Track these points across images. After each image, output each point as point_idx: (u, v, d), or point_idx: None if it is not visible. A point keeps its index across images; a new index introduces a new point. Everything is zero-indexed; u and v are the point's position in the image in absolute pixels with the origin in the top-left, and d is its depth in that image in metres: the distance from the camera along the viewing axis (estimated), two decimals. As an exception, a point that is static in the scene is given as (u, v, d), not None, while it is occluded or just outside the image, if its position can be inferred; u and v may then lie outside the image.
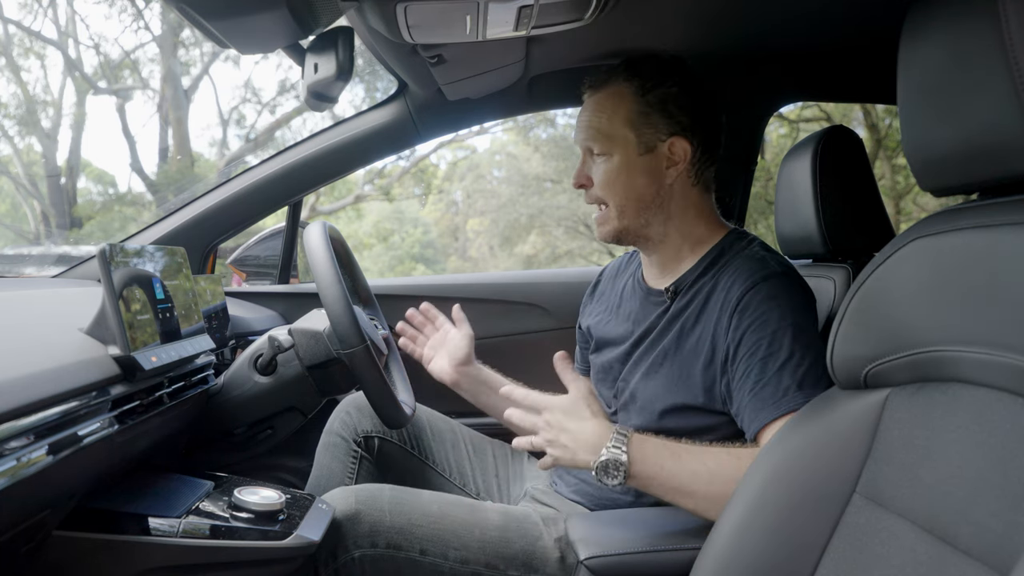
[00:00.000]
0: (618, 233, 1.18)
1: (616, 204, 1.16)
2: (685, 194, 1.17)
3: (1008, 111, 0.63)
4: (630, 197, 1.16)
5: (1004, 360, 0.63)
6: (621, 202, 1.16)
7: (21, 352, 0.85)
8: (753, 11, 1.32)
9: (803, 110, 8.36)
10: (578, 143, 1.20)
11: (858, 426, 0.78)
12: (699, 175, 1.17)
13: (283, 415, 1.29)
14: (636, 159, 1.14)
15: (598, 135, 1.16)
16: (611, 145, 1.15)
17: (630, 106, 1.14)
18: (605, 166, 1.16)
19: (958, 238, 0.69)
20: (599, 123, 1.16)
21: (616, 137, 1.15)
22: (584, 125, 1.18)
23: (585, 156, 1.19)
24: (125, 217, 9.37)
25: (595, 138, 1.16)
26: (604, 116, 1.15)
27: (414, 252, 10.61)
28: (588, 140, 1.17)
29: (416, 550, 1.05)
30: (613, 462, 0.98)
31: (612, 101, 1.15)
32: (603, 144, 1.15)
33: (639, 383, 1.16)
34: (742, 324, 1.05)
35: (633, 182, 1.15)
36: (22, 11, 10.65)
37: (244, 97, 10.91)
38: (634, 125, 1.14)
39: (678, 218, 1.17)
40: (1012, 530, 0.59)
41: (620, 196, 1.16)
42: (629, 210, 1.16)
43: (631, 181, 1.15)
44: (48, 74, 10.34)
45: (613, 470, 0.98)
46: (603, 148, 1.16)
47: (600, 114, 1.16)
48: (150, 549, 0.94)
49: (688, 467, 0.98)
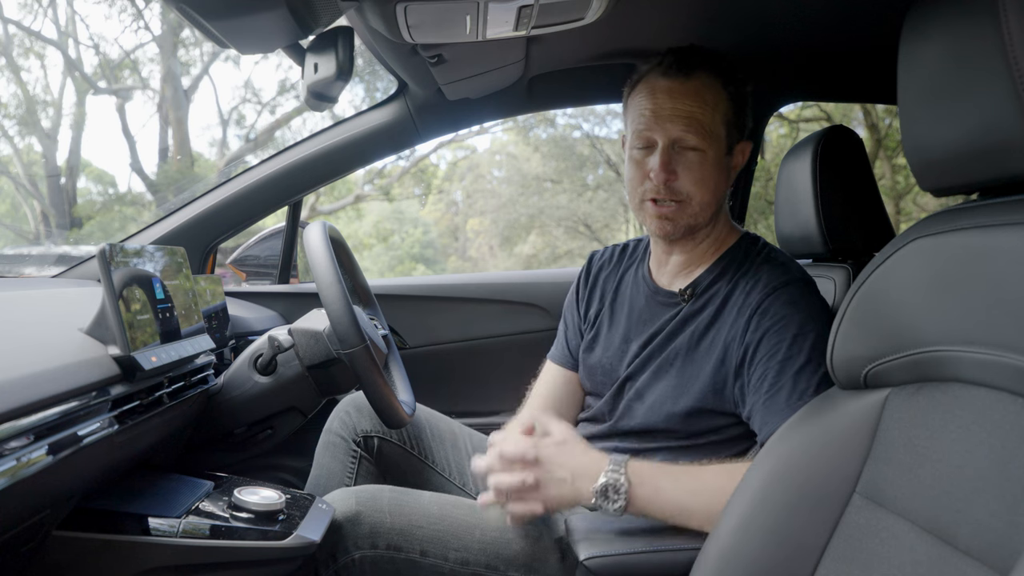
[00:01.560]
0: (689, 228, 1.14)
1: (702, 201, 1.11)
2: (725, 196, 1.18)
3: (1008, 111, 0.63)
4: (716, 196, 1.13)
5: (1004, 360, 0.63)
6: (708, 200, 1.12)
7: (21, 352, 0.85)
8: (753, 11, 1.32)
9: (803, 110, 8.36)
10: (663, 132, 1.10)
11: (858, 426, 0.78)
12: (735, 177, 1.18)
13: (283, 415, 1.29)
14: (723, 158, 1.12)
15: (701, 128, 1.08)
16: (710, 140, 1.09)
17: (727, 103, 1.10)
18: (699, 160, 1.10)
19: (958, 238, 0.69)
20: (703, 116, 1.08)
21: (715, 134, 1.10)
22: (683, 113, 1.08)
23: (666, 146, 1.10)
24: (125, 217, 9.37)
25: (697, 131, 1.08)
26: (708, 109, 1.09)
27: (414, 252, 10.61)
28: (688, 131, 1.08)
29: (416, 551, 1.05)
30: (612, 485, 0.97)
31: (712, 95, 1.09)
32: (703, 138, 1.09)
33: (647, 382, 1.15)
34: (761, 327, 1.04)
35: (719, 181, 1.12)
36: (22, 11, 10.65)
37: (244, 97, 10.91)
38: (728, 124, 1.11)
39: (716, 219, 1.17)
40: (1012, 530, 0.59)
41: (707, 194, 1.11)
42: (709, 209, 1.13)
43: (719, 180, 1.12)
44: (48, 74, 10.36)
45: (613, 494, 0.97)
46: (702, 142, 1.09)
47: (704, 106, 1.08)
48: (150, 549, 0.94)
49: (686, 487, 0.98)
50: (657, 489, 0.98)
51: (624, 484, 0.97)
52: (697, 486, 0.98)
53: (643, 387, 1.15)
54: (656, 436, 1.13)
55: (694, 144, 1.09)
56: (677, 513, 0.98)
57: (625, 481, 0.97)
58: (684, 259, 1.19)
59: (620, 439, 1.17)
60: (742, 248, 1.16)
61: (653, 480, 0.99)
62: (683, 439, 1.11)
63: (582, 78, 1.64)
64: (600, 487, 0.98)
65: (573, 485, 1.00)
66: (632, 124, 1.14)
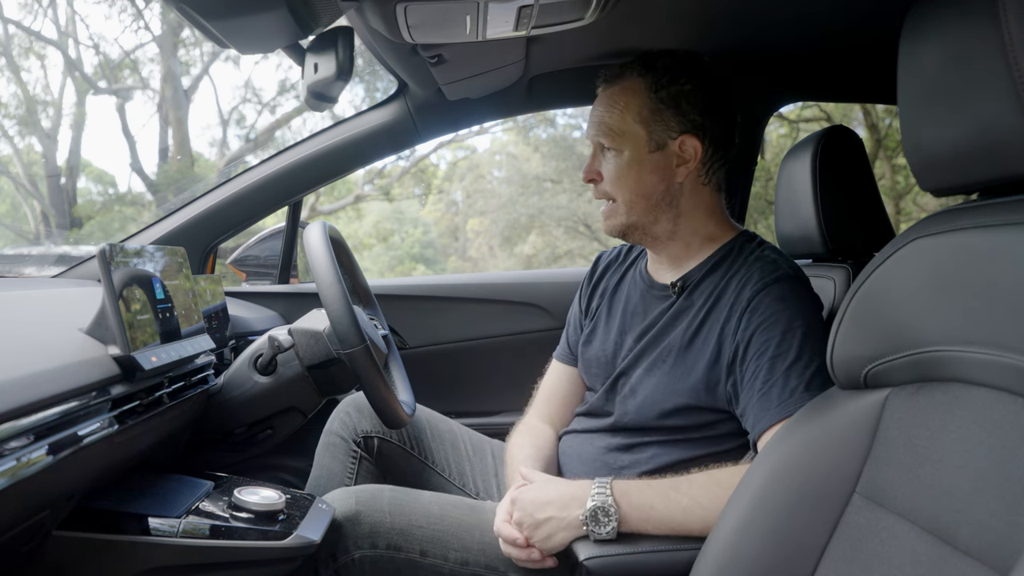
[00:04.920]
0: (624, 228, 1.18)
1: (625, 200, 1.16)
2: (695, 192, 1.17)
3: (1008, 111, 0.63)
4: (639, 193, 1.15)
5: (1004, 360, 0.62)
6: (630, 198, 1.15)
7: (21, 352, 0.85)
8: (753, 11, 1.32)
9: (803, 110, 8.36)
10: (589, 137, 1.20)
11: (858, 426, 0.78)
12: (710, 174, 1.17)
13: (283, 415, 1.29)
14: (646, 156, 1.14)
15: (609, 130, 1.15)
16: (622, 141, 1.14)
17: (642, 102, 1.13)
18: (615, 161, 1.15)
19: (958, 238, 0.69)
20: (611, 118, 1.15)
21: (627, 133, 1.14)
22: (596, 120, 1.17)
23: (596, 150, 1.19)
24: (125, 217, 9.37)
25: (606, 133, 1.15)
26: (616, 111, 1.14)
27: (414, 252, 10.60)
28: (599, 135, 1.16)
29: (416, 551, 1.05)
30: (601, 508, 0.97)
31: (625, 96, 1.14)
32: (614, 139, 1.15)
33: (641, 378, 1.15)
34: (752, 324, 1.05)
35: (642, 179, 1.14)
36: (22, 11, 10.65)
37: (244, 97, 10.90)
38: (645, 122, 1.13)
39: (687, 216, 1.17)
40: (1012, 530, 0.59)
41: (629, 192, 1.15)
42: (638, 206, 1.15)
43: (640, 178, 1.14)
44: (48, 74, 10.35)
45: (603, 516, 0.97)
46: (614, 143, 1.15)
47: (612, 109, 1.15)
48: (150, 549, 0.94)
49: (678, 504, 0.98)
50: (649, 508, 0.99)
51: (613, 505, 0.98)
52: (688, 503, 0.98)
53: (636, 383, 1.16)
54: (649, 431, 1.13)
55: (609, 145, 1.16)
56: (672, 530, 0.98)
57: (613, 502, 0.98)
58: (668, 254, 1.20)
59: (613, 434, 1.18)
60: (737, 245, 1.17)
61: (642, 499, 0.99)
62: (676, 434, 1.11)
63: (582, 78, 1.63)
64: (589, 511, 0.98)
65: (560, 518, 1.00)
66: None
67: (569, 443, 1.25)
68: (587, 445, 1.20)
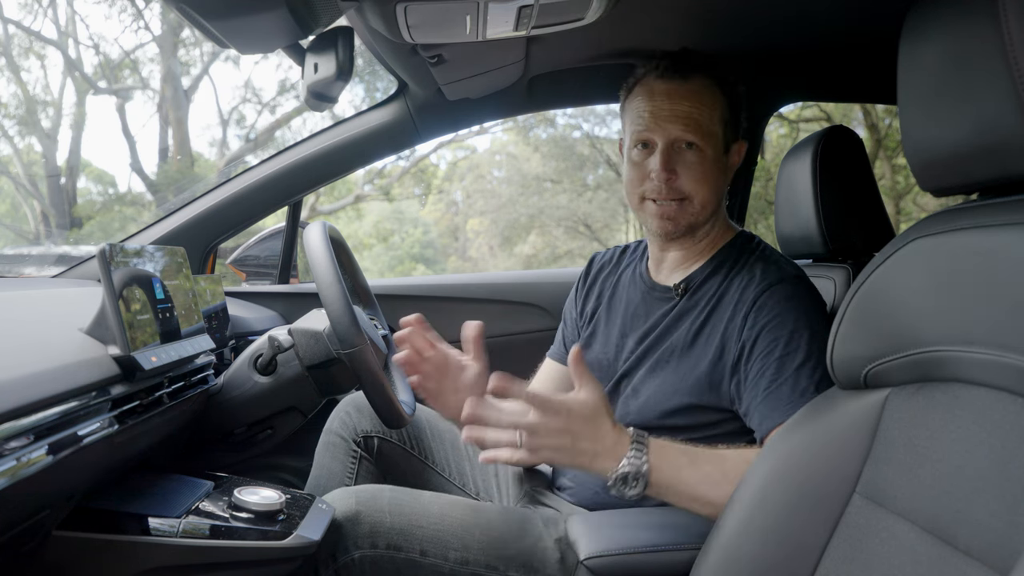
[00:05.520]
0: (691, 226, 1.16)
1: (702, 199, 1.14)
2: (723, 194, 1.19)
3: (1008, 111, 0.63)
4: (715, 194, 1.15)
5: (1004, 360, 0.63)
6: (708, 198, 1.14)
7: (21, 352, 0.85)
8: (753, 11, 1.32)
9: (803, 110, 8.37)
10: (663, 133, 1.12)
11: (858, 426, 0.78)
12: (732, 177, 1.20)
13: (283, 415, 1.29)
14: (721, 157, 1.15)
15: (699, 128, 1.11)
16: (708, 140, 1.12)
17: (723, 103, 1.14)
18: (698, 159, 1.12)
19: (958, 238, 0.69)
20: (700, 115, 1.11)
21: (713, 133, 1.13)
22: (682, 114, 1.11)
23: (667, 147, 1.13)
24: (125, 217, 9.37)
25: (695, 130, 1.11)
26: (705, 109, 1.12)
27: (414, 252, 10.61)
28: (688, 131, 1.11)
29: (416, 551, 1.05)
30: (634, 473, 0.94)
31: (709, 94, 1.13)
32: (703, 137, 1.12)
33: (643, 379, 1.15)
34: (758, 323, 1.05)
35: (718, 179, 1.15)
36: (22, 11, 10.65)
37: (244, 97, 10.92)
38: (724, 123, 1.14)
39: (715, 217, 1.19)
40: (1012, 530, 0.59)
41: (709, 192, 1.14)
42: (710, 207, 1.15)
43: (718, 178, 1.15)
44: (48, 74, 10.36)
45: (633, 480, 0.94)
46: (701, 141, 1.12)
47: (701, 106, 1.12)
48: (150, 549, 0.94)
49: (709, 476, 0.95)
50: (678, 478, 0.95)
51: (645, 471, 0.93)
52: (718, 476, 0.94)
53: (639, 384, 1.16)
54: (652, 432, 1.13)
55: (693, 143, 1.12)
56: (692, 501, 0.96)
57: (647, 468, 0.94)
58: (680, 256, 1.20)
59: None
60: (737, 245, 1.17)
61: (675, 467, 0.95)
62: (678, 434, 1.10)
63: (582, 78, 1.64)
64: (621, 475, 0.94)
65: (593, 462, 0.95)
66: (631, 126, 1.16)
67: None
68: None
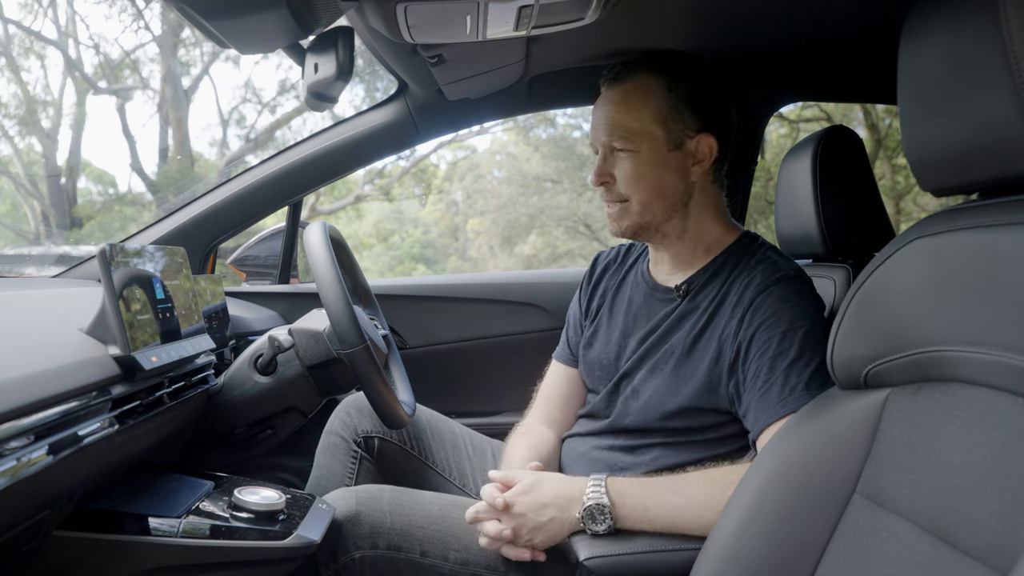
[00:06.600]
0: (637, 228, 1.16)
1: (641, 200, 1.14)
2: (705, 192, 1.17)
3: (1008, 111, 0.63)
4: (658, 193, 1.13)
5: (1004, 360, 0.63)
6: (647, 198, 1.13)
7: (21, 352, 0.85)
8: (753, 11, 1.32)
9: (803, 110, 8.36)
10: (596, 140, 1.16)
11: (858, 426, 0.78)
12: (718, 173, 1.17)
13: (283, 415, 1.29)
14: (665, 155, 1.13)
15: (624, 130, 1.12)
16: (638, 141, 1.12)
17: (659, 100, 1.12)
18: (631, 162, 1.13)
19: (958, 238, 0.69)
20: (626, 118, 1.12)
21: (644, 133, 1.12)
22: (606, 120, 1.14)
23: (605, 152, 1.15)
24: (125, 217, 9.36)
25: (620, 135, 1.12)
26: (631, 111, 1.12)
27: (414, 252, 10.60)
28: (612, 137, 1.13)
29: (417, 551, 1.05)
30: (596, 507, 0.99)
31: (639, 95, 1.12)
32: (629, 140, 1.12)
33: (644, 380, 1.16)
34: (753, 323, 1.05)
35: (661, 179, 1.13)
36: (22, 11, 10.64)
37: (244, 97, 10.90)
38: (663, 120, 1.12)
39: (697, 216, 1.17)
40: (1012, 530, 0.59)
41: (647, 192, 1.13)
42: (654, 207, 1.14)
43: (659, 178, 1.13)
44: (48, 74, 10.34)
45: (598, 515, 0.99)
46: (629, 144, 1.12)
47: (626, 109, 1.12)
48: (150, 549, 0.94)
49: (672, 503, 0.99)
50: (643, 508, 0.99)
51: (607, 503, 0.99)
52: (682, 502, 0.99)
53: (639, 385, 1.16)
54: (651, 433, 1.13)
55: (623, 147, 1.13)
56: (668, 528, 0.99)
57: (608, 500, 0.99)
58: (673, 255, 1.20)
59: (616, 436, 1.18)
60: (740, 247, 1.17)
61: (636, 498, 1.00)
62: (679, 436, 1.11)
63: (582, 78, 1.64)
64: (586, 510, 0.99)
65: (563, 519, 1.01)
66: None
67: (572, 445, 1.25)
68: (589, 447, 1.20)
